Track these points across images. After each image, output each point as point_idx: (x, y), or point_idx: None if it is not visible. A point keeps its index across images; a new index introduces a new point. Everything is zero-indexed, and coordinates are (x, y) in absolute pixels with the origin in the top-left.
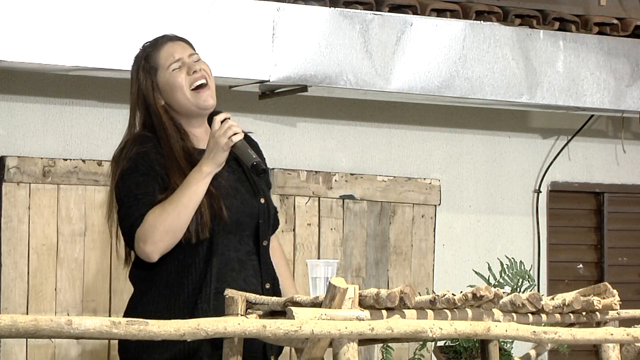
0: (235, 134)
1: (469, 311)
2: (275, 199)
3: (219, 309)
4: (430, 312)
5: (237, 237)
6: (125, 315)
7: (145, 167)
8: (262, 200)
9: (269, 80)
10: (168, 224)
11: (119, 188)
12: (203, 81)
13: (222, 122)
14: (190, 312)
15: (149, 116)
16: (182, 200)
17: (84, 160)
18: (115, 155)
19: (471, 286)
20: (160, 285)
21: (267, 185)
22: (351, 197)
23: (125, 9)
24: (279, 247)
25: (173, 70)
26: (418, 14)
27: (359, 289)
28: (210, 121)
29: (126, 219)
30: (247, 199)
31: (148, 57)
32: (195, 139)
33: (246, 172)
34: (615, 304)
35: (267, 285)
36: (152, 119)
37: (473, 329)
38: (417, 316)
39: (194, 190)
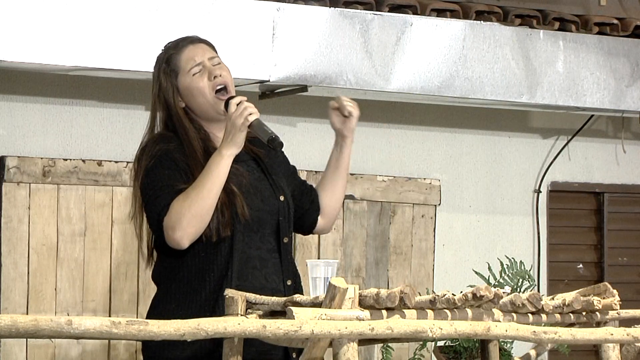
0: (250, 114)
1: (469, 311)
2: None
3: None
4: (430, 312)
5: (259, 235)
6: (149, 313)
7: (169, 162)
8: (282, 198)
9: (269, 80)
10: (194, 209)
11: (144, 185)
12: (223, 87)
13: (238, 104)
14: (211, 309)
15: (170, 117)
16: (206, 184)
17: (84, 160)
18: (138, 154)
19: (471, 286)
20: (181, 283)
21: (292, 175)
22: (351, 197)
23: (125, 9)
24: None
25: (194, 74)
26: (418, 14)
27: (359, 289)
28: (227, 106)
29: (153, 210)
30: (267, 197)
31: (169, 59)
32: (217, 139)
33: (265, 172)
34: (615, 304)
35: (289, 282)
36: (173, 121)
37: (473, 329)
38: (417, 316)
39: (216, 173)
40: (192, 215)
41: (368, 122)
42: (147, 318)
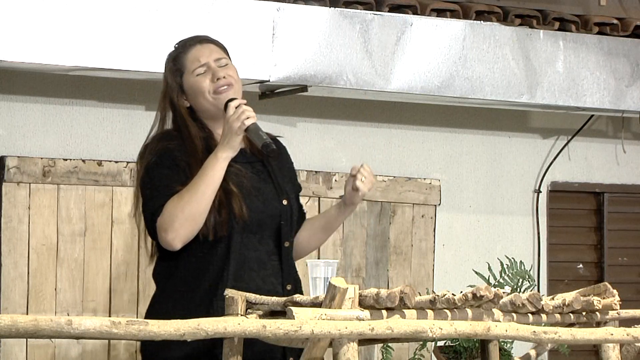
0: (248, 117)
1: (469, 311)
2: None
3: None
4: (430, 312)
5: (257, 237)
6: (148, 312)
7: (169, 161)
8: (285, 202)
9: (269, 80)
10: (187, 211)
11: (143, 182)
12: (226, 87)
13: (236, 107)
14: (206, 309)
15: (175, 116)
16: (200, 186)
17: (84, 160)
18: (141, 151)
19: (471, 286)
20: (178, 282)
21: (296, 188)
22: None
23: (125, 9)
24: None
25: (197, 75)
26: (418, 14)
27: (359, 289)
28: (226, 108)
29: (147, 211)
30: (269, 199)
31: (176, 58)
32: (220, 137)
33: (270, 175)
34: (615, 304)
35: (289, 287)
36: (177, 119)
37: (473, 329)
38: (417, 316)
39: (211, 175)
40: (185, 217)
41: (368, 122)
42: (145, 317)
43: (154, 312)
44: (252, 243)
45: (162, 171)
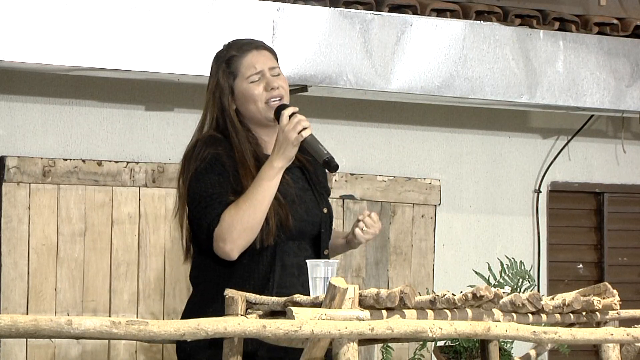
0: (304, 128)
1: (469, 311)
2: None
3: None
4: (430, 312)
5: (297, 243)
6: (186, 315)
7: (219, 168)
8: (325, 210)
9: None
10: (245, 222)
11: (192, 187)
12: (279, 99)
13: (290, 116)
14: None
15: (223, 118)
16: (257, 196)
17: (84, 160)
18: (187, 153)
19: (471, 286)
20: (220, 288)
21: (327, 193)
22: (351, 197)
23: (125, 9)
24: None
25: (252, 82)
26: (418, 14)
27: (359, 289)
28: (277, 115)
29: (203, 219)
30: (311, 208)
31: (230, 61)
32: (265, 143)
33: (309, 181)
34: (615, 304)
35: None
36: (225, 121)
37: (473, 329)
38: (417, 316)
39: (267, 185)
40: (243, 227)
41: (368, 122)
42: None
43: (194, 317)
44: (292, 249)
45: (213, 178)
